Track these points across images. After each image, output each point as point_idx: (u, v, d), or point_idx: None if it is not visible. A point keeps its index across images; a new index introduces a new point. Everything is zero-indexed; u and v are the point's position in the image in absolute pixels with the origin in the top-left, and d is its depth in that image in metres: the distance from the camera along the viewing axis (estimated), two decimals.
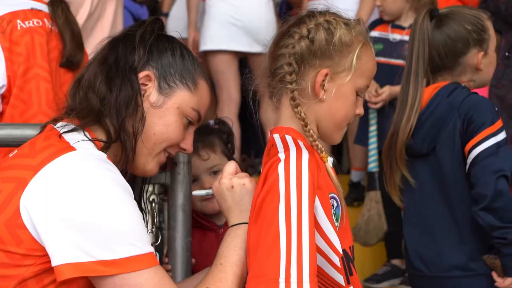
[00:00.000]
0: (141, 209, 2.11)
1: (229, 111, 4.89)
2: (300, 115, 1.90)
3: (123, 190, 1.82)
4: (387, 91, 4.23)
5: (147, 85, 1.97)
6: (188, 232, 2.26)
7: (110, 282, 1.76)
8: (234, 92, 5.00)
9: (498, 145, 2.60)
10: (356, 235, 4.22)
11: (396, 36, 4.29)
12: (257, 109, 2.01)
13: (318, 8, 1.96)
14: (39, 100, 2.94)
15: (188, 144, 2.03)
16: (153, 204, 2.25)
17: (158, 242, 2.24)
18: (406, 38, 4.22)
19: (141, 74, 1.96)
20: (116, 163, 1.90)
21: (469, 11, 2.78)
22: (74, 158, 1.82)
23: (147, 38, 1.99)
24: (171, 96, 1.98)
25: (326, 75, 1.90)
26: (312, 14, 1.94)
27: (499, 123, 2.65)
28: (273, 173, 1.83)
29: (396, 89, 4.20)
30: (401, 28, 4.30)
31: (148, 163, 1.98)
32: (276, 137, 1.93)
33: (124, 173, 1.90)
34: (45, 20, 3.03)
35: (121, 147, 1.93)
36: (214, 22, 4.97)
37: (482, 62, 2.75)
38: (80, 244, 1.75)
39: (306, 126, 1.90)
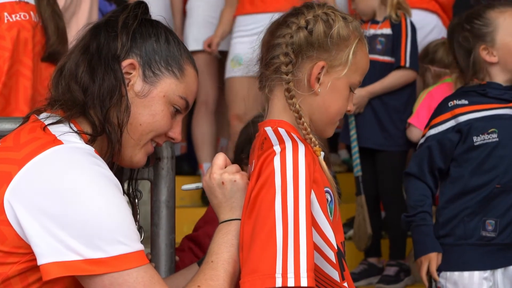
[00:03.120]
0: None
1: (207, 110, 4.95)
2: (295, 107, 1.86)
3: (111, 185, 1.74)
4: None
5: (131, 73, 1.89)
6: (172, 228, 2.21)
7: (99, 281, 1.68)
8: (212, 91, 5.00)
9: (418, 146, 2.90)
10: (353, 240, 4.23)
11: (371, 31, 4.25)
12: None
13: (315, 0, 1.95)
14: (16, 98, 2.93)
15: (176, 133, 1.95)
16: (136, 201, 2.17)
17: (141, 239, 2.16)
18: (379, 32, 4.23)
19: (125, 63, 1.88)
20: (102, 155, 1.82)
21: None
22: (61, 152, 1.74)
23: (130, 24, 1.91)
24: (156, 85, 1.90)
25: (323, 67, 1.88)
26: (310, 5, 1.92)
27: (434, 121, 2.85)
28: (268, 166, 1.78)
29: (366, 90, 4.14)
30: (376, 22, 4.27)
31: (135, 154, 1.91)
32: (269, 130, 1.87)
33: (110, 166, 1.82)
34: (31, 13, 3.01)
35: (106, 139, 1.85)
36: (196, 23, 4.99)
37: None
38: (67, 242, 1.66)
39: (300, 119, 1.87)
